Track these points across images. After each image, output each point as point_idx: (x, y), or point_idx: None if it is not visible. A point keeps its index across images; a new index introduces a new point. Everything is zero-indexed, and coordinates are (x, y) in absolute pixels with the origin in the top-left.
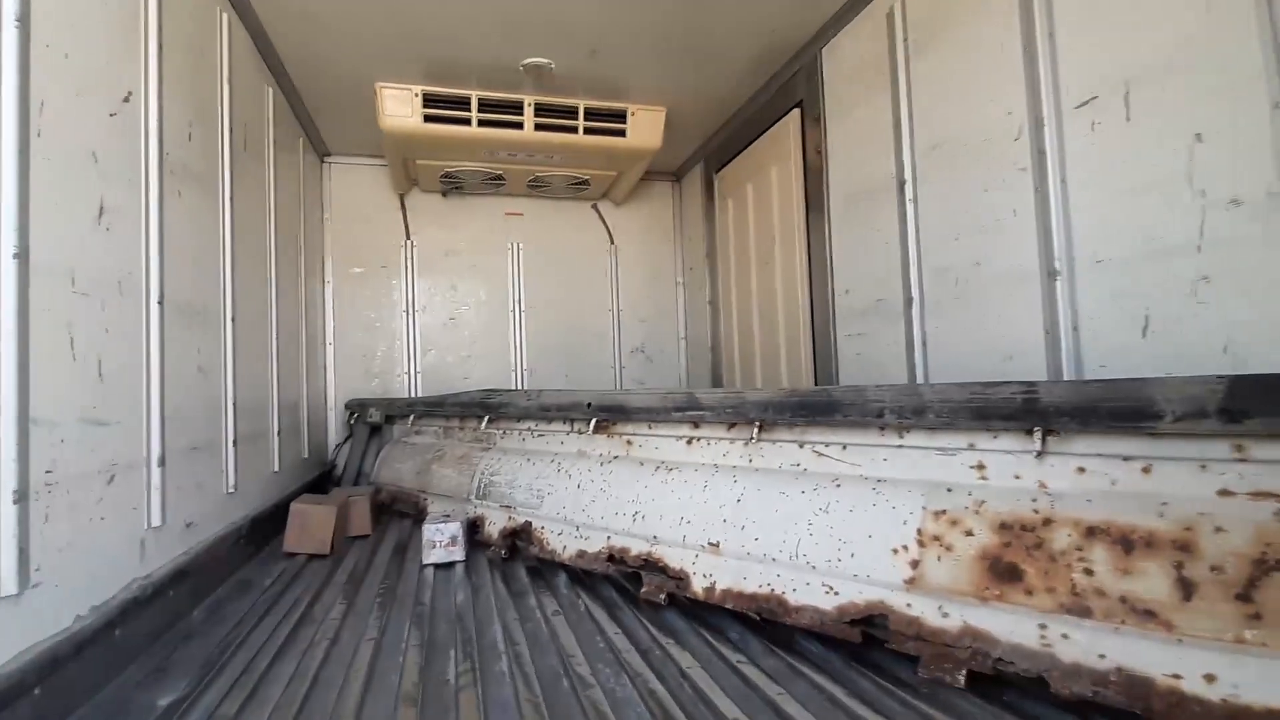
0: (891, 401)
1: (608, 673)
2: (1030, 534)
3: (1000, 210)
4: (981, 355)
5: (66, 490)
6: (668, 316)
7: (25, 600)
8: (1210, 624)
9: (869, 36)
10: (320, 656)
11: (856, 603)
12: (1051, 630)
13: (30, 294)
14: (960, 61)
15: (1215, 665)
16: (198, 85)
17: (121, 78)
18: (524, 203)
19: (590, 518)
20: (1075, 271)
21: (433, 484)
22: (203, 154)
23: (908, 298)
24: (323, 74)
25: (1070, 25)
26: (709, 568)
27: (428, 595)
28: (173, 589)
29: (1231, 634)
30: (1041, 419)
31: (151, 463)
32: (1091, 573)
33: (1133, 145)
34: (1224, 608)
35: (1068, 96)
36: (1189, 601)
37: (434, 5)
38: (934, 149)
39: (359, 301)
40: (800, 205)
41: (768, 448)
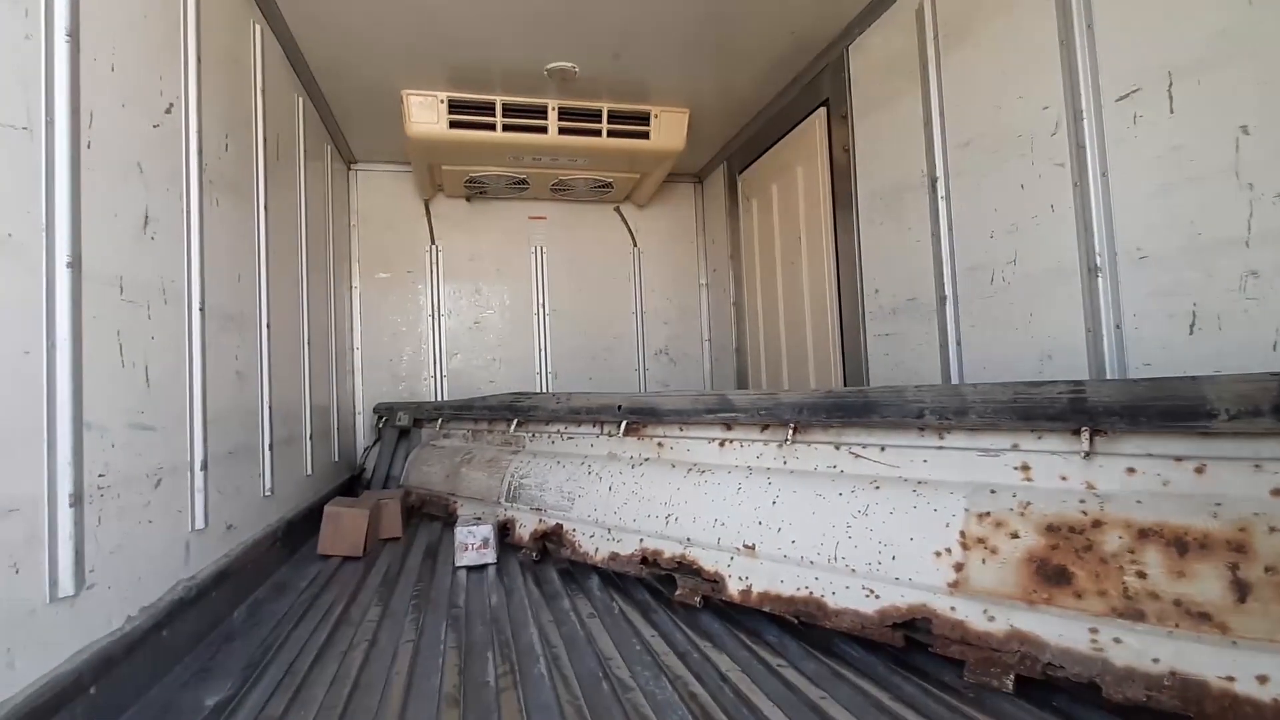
0: (932, 402)
1: (647, 675)
2: (1079, 536)
3: (1037, 206)
4: (1019, 354)
5: (117, 494)
6: (691, 318)
7: (81, 601)
8: (1265, 626)
9: (897, 33)
10: (360, 658)
11: (899, 606)
12: (1103, 634)
13: (83, 302)
14: (993, 56)
15: (1268, 666)
16: (234, 96)
17: (164, 90)
18: (547, 206)
19: (622, 520)
20: (1117, 267)
21: (462, 487)
22: (238, 163)
23: (941, 296)
24: (350, 82)
25: (1109, 17)
26: (744, 570)
27: (462, 598)
28: (215, 590)
29: None
30: (1089, 419)
31: (195, 466)
32: (1144, 575)
33: (1176, 138)
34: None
35: (1108, 89)
36: (1244, 603)
37: (460, 12)
38: (966, 145)
39: (385, 306)
40: (827, 204)
41: (803, 449)
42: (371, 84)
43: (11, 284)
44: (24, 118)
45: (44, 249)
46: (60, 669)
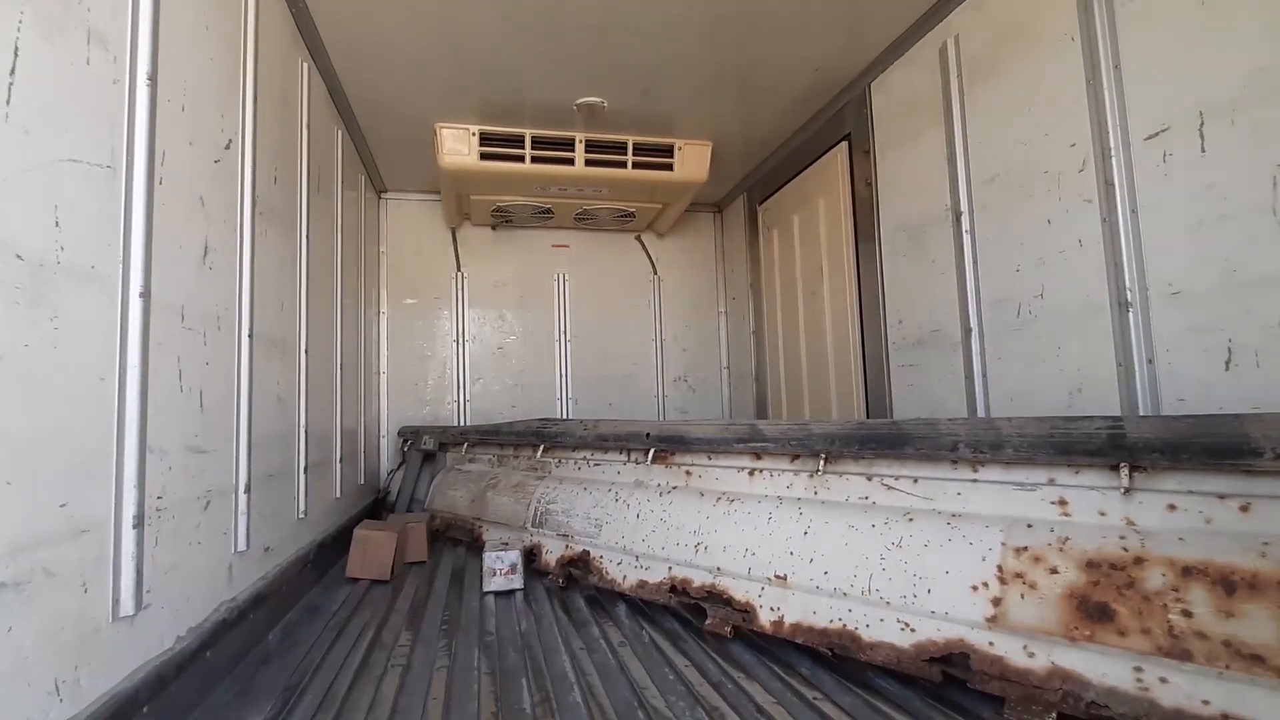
0: (966, 435)
1: (682, 706)
2: (1120, 573)
3: (1065, 241)
4: (1047, 387)
5: (172, 516)
6: (710, 346)
7: (139, 621)
8: None
9: (921, 71)
10: (396, 683)
11: (935, 640)
12: (1148, 673)
13: (150, 330)
14: (1018, 94)
15: None
16: (283, 132)
17: (224, 127)
18: (570, 235)
19: (650, 548)
20: (1149, 303)
21: (488, 511)
22: (285, 195)
23: (966, 328)
24: (386, 115)
25: (1137, 57)
26: (776, 601)
27: (492, 623)
28: (253, 612)
29: None
30: (1128, 454)
31: (240, 489)
32: (1190, 614)
33: (1209, 176)
34: None
35: (1136, 128)
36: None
37: (494, 49)
38: (992, 180)
39: (412, 331)
40: (849, 236)
41: (834, 480)
42: (406, 117)
43: (94, 313)
44: (108, 157)
45: (120, 280)
46: (120, 687)
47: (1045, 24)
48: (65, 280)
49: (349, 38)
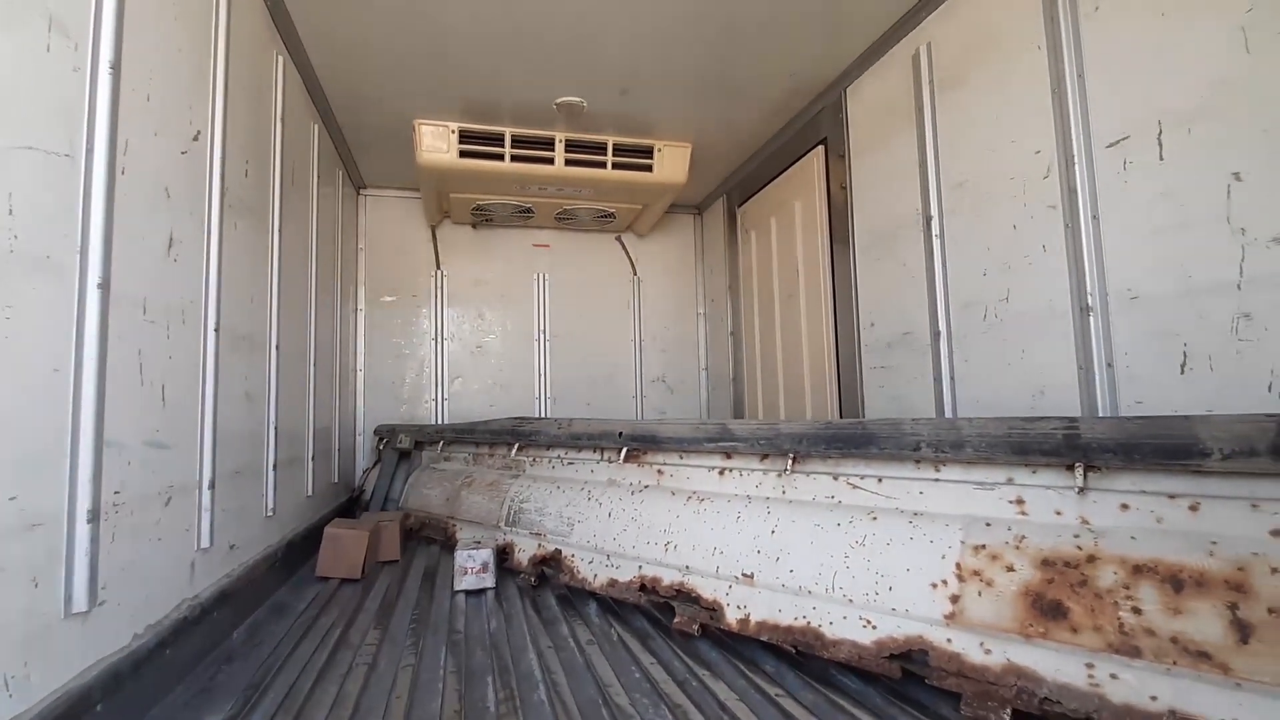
0: (929, 435)
1: (646, 704)
2: (1074, 570)
3: (1029, 246)
4: (1012, 389)
5: (130, 511)
6: (688, 347)
7: (93, 617)
8: (1273, 669)
9: (894, 77)
10: (360, 682)
11: (895, 637)
12: (1100, 670)
13: (109, 322)
14: (987, 102)
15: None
16: (255, 125)
17: (192, 119)
18: (551, 234)
19: (621, 546)
20: (1109, 307)
21: (462, 510)
22: (256, 189)
23: (935, 331)
24: (365, 111)
25: (1100, 67)
26: (743, 599)
27: (461, 622)
28: (217, 610)
29: None
30: (1083, 455)
31: (203, 486)
32: (1140, 611)
33: (1167, 184)
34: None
35: (1099, 136)
36: (1246, 644)
37: (474, 48)
38: (960, 186)
39: (389, 329)
40: (825, 239)
41: (801, 479)
42: (385, 113)
43: (48, 304)
44: (67, 145)
45: (78, 270)
46: (72, 684)
47: (1013, 33)
48: (18, 269)
49: (326, 33)
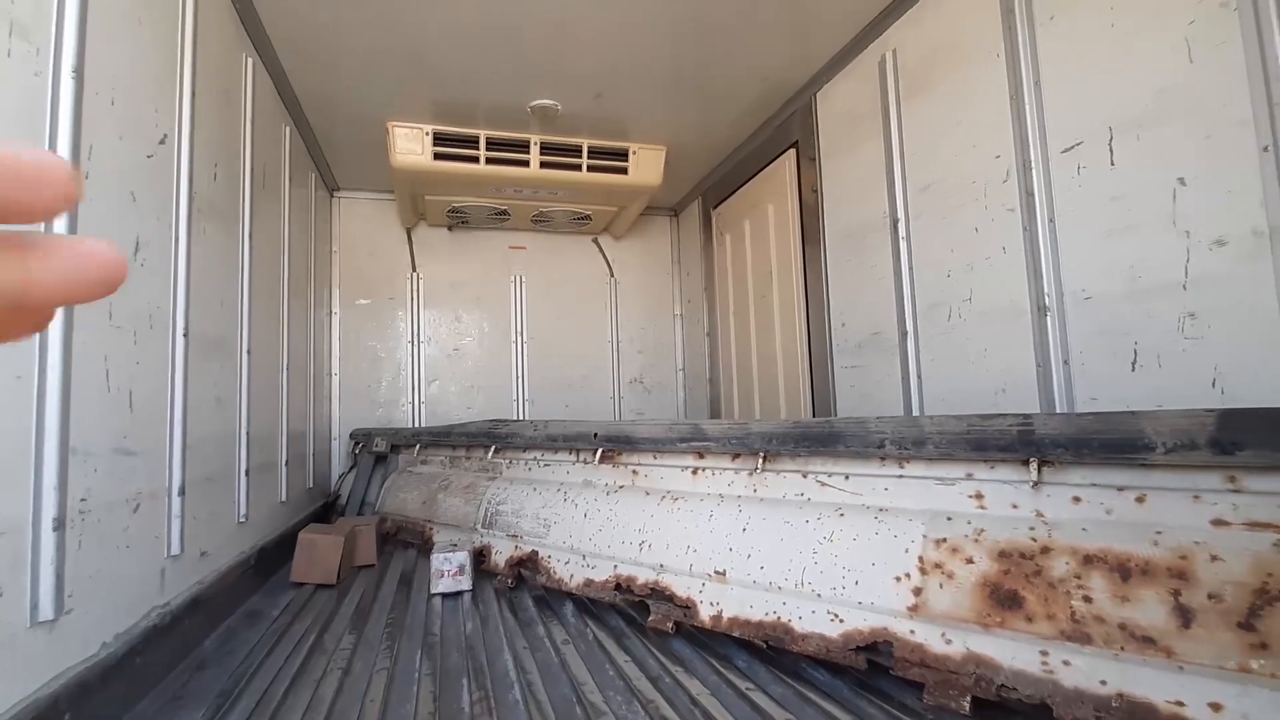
0: (892, 433)
1: (619, 700)
2: (1029, 562)
3: (991, 248)
4: (975, 387)
5: (98, 519)
6: (666, 348)
7: (60, 626)
8: (1212, 652)
9: (861, 82)
10: (334, 687)
11: (861, 630)
12: (1053, 657)
13: (74, 328)
14: (950, 107)
15: (1221, 694)
16: (224, 127)
17: (159, 121)
18: (527, 237)
19: (597, 547)
20: (1065, 307)
21: (439, 513)
22: (226, 192)
23: (902, 331)
24: (336, 113)
25: (1055, 74)
26: (716, 596)
27: (437, 625)
28: (188, 618)
29: (1235, 663)
30: (1037, 450)
31: (173, 492)
32: (1090, 600)
33: (1117, 188)
34: (1226, 636)
35: (1054, 141)
36: (1188, 629)
37: (447, 50)
38: (925, 189)
39: (364, 332)
40: (797, 241)
41: (772, 478)
42: (357, 114)
43: None
44: None
45: None
46: (39, 694)
47: (974, 41)
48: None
49: (296, 34)
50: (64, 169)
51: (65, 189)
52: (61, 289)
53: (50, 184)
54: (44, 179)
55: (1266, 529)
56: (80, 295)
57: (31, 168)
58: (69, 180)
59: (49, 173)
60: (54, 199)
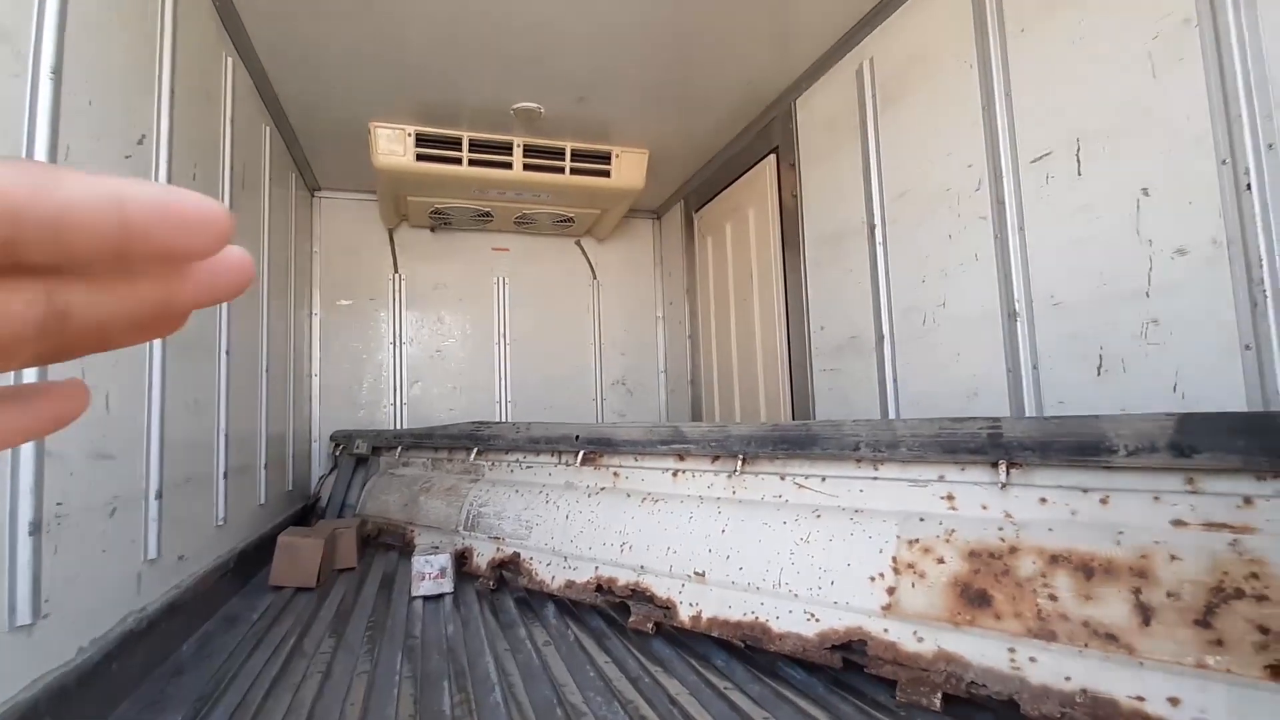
0: (867, 436)
1: (599, 701)
2: (998, 561)
3: (963, 255)
4: (948, 390)
5: (74, 523)
6: (648, 350)
7: (37, 631)
8: (1171, 648)
9: (840, 90)
10: (314, 690)
11: (837, 629)
12: (1020, 653)
13: None
14: (925, 116)
15: (1179, 689)
16: (203, 127)
17: (136, 122)
18: (510, 239)
19: (578, 548)
20: (1034, 313)
21: (420, 516)
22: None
23: (879, 335)
24: (318, 113)
25: (1025, 86)
26: (695, 597)
27: (418, 628)
28: (165, 622)
29: (1193, 659)
30: (1005, 452)
31: (150, 496)
32: (1055, 598)
33: (1084, 197)
34: (1184, 633)
35: (1024, 151)
36: (1148, 626)
37: (431, 52)
38: (901, 196)
39: (346, 333)
40: (777, 245)
41: (751, 480)
42: (339, 115)
43: None
44: (5, 151)
45: None
46: (19, 698)
47: (947, 52)
48: None
49: (277, 35)
50: (223, 215)
51: (223, 232)
52: (201, 296)
53: (212, 229)
54: (206, 225)
55: (1222, 529)
56: (216, 300)
57: (195, 213)
58: (227, 224)
59: (210, 218)
60: (213, 242)
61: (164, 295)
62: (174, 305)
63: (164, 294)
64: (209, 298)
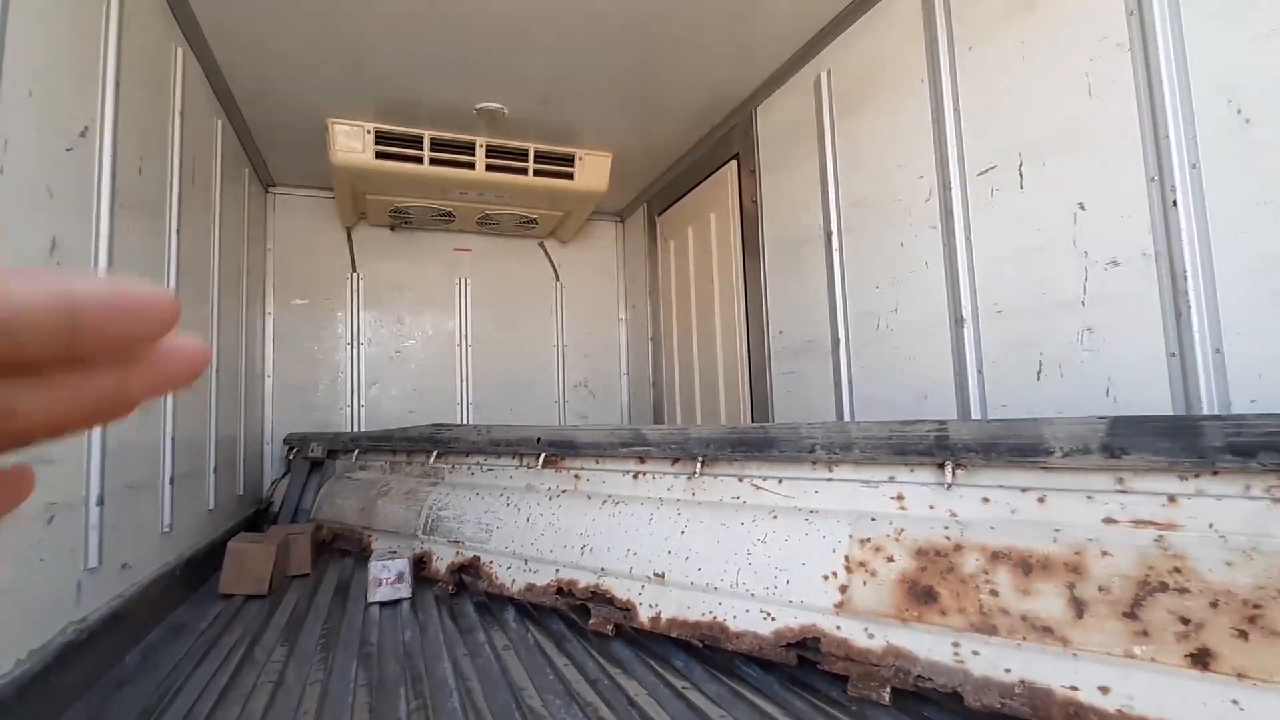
0: (822, 438)
1: (558, 704)
2: (943, 559)
3: (914, 263)
4: (900, 394)
5: (8, 531)
6: (611, 352)
7: None
8: (1102, 639)
9: (799, 100)
10: (265, 701)
11: (792, 627)
12: (964, 647)
13: None
14: (879, 128)
15: (1109, 678)
16: (150, 119)
17: (78, 113)
18: (473, 239)
19: (539, 551)
20: (979, 320)
21: (378, 520)
22: (152, 188)
23: (835, 340)
24: (273, 107)
25: (973, 102)
26: (654, 598)
27: (374, 634)
28: (107, 633)
29: (1121, 649)
30: (951, 454)
31: (90, 502)
32: (996, 593)
33: (1026, 210)
34: (1113, 624)
35: (971, 164)
36: (1081, 619)
37: (390, 50)
38: (857, 205)
39: (301, 333)
40: (738, 250)
41: (710, 482)
42: (295, 110)
43: None
44: None
45: None
46: None
47: (901, 66)
48: None
49: (230, 25)
50: (170, 302)
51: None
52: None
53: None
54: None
55: (1149, 526)
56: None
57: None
58: (174, 310)
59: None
60: (160, 329)
61: (115, 385)
62: (125, 396)
63: (115, 384)
64: (161, 387)
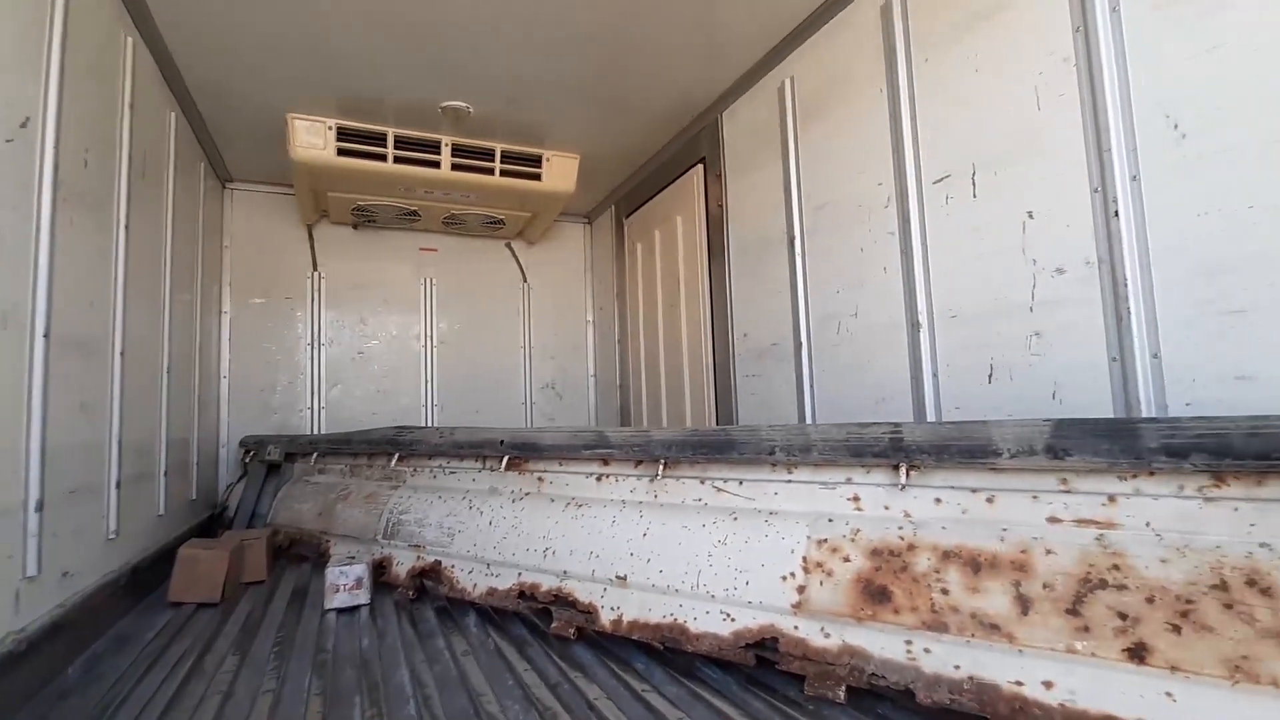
0: (782, 440)
1: (517, 709)
2: (897, 559)
3: (874, 267)
4: (860, 396)
5: None
6: (578, 354)
7: None
8: (1045, 635)
9: (763, 106)
10: (213, 712)
11: (750, 628)
12: (916, 645)
13: None
14: (841, 135)
15: (1052, 673)
16: (98, 110)
17: (18, 103)
18: (438, 239)
19: (501, 554)
20: (935, 324)
21: (336, 524)
22: (99, 181)
23: (797, 342)
24: (230, 100)
25: (929, 112)
26: (616, 601)
27: (330, 642)
28: (48, 644)
29: (1064, 644)
30: (905, 455)
31: (29, 508)
32: (947, 592)
33: (978, 218)
34: (1056, 621)
35: (927, 173)
36: (1026, 616)
37: (352, 44)
38: (819, 210)
39: (259, 333)
40: (703, 253)
41: (672, 484)
42: (253, 104)
43: None
44: None
45: None
46: None
47: (861, 76)
48: None
49: (183, 13)
50: None
51: None
52: None
53: None
54: None
55: (1090, 525)
56: None
57: None
58: None
59: None
60: None
61: None
62: None
63: None
64: None
